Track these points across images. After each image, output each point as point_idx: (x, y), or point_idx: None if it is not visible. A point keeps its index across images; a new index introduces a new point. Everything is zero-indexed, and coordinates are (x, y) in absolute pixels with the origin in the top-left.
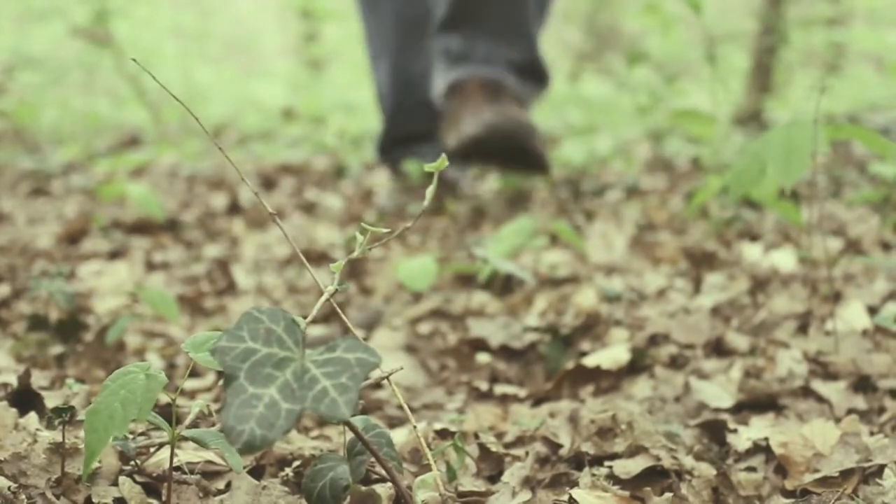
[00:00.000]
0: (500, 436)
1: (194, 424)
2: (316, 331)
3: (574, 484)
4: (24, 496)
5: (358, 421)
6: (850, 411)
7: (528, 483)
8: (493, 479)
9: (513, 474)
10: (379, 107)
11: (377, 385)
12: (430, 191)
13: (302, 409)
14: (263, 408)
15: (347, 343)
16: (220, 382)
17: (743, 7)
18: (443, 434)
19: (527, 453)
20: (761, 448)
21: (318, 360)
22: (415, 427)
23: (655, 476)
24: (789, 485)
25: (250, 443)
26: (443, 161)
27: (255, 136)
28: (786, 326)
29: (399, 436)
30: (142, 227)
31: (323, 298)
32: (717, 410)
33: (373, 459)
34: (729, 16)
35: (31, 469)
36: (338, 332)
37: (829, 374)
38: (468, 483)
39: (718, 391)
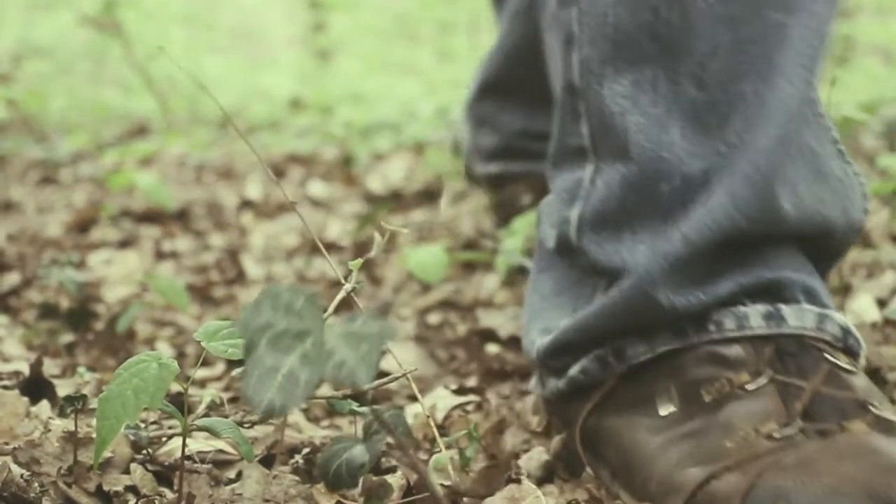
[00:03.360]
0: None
1: (206, 414)
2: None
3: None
4: (36, 484)
5: (367, 411)
6: None
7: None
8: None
9: (531, 458)
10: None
11: (388, 375)
12: (446, 193)
13: (321, 378)
14: (282, 377)
15: (365, 317)
16: (232, 372)
17: None
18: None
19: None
20: None
21: (337, 332)
22: (428, 417)
23: None
24: None
25: (269, 411)
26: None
27: (262, 126)
28: None
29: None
30: (151, 217)
31: (340, 294)
32: None
33: (386, 449)
34: None
35: (44, 457)
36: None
37: None
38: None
39: None
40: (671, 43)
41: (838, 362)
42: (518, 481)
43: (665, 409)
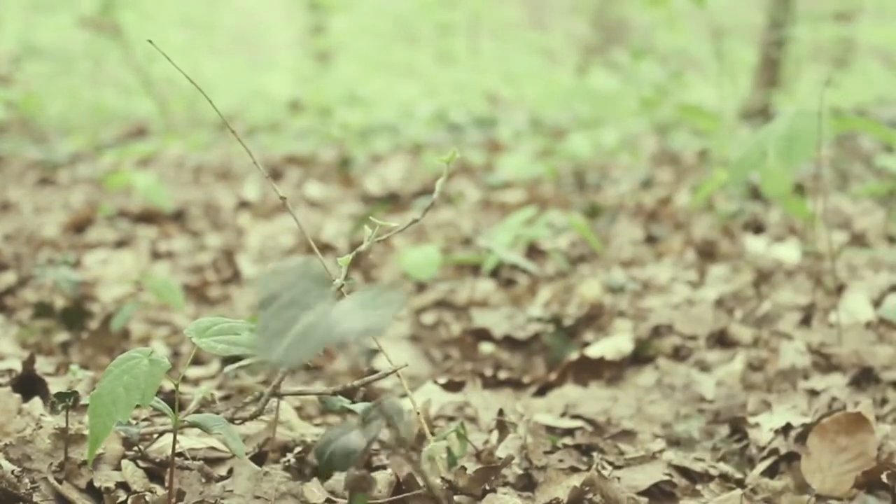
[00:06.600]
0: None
1: (197, 411)
2: None
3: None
4: (27, 480)
5: (359, 408)
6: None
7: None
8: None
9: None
10: None
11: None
12: (440, 182)
13: (339, 332)
14: (294, 336)
15: (377, 289)
16: (225, 370)
17: (751, 0)
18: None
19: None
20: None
21: (349, 301)
22: (418, 414)
23: None
24: None
25: (281, 363)
26: (453, 154)
27: (261, 128)
28: (789, 318)
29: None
30: (148, 217)
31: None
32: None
33: (376, 446)
34: (737, 9)
35: (36, 453)
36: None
37: (832, 366)
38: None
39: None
40: None
41: None
42: (494, 490)
43: None
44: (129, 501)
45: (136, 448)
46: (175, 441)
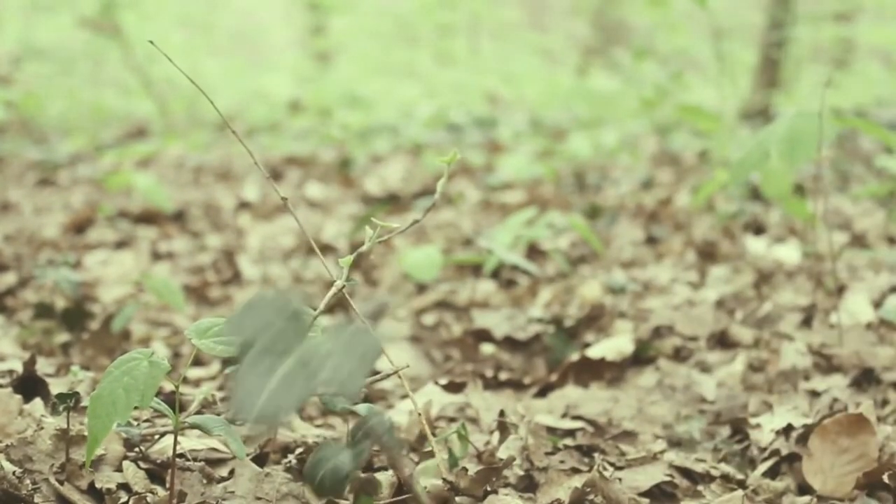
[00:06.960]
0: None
1: (198, 412)
2: (322, 322)
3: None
4: (28, 481)
5: (361, 409)
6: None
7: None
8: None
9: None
10: None
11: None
12: (441, 183)
13: (310, 392)
14: (278, 381)
15: (354, 328)
16: (226, 371)
17: (751, 1)
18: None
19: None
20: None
21: (326, 345)
22: (419, 415)
23: None
24: None
25: (260, 419)
26: (454, 155)
27: (261, 128)
28: (790, 319)
29: (403, 420)
30: (148, 217)
31: (332, 291)
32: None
33: (376, 447)
34: (737, 10)
35: (37, 455)
36: (344, 322)
37: (833, 367)
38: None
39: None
40: None
41: None
42: (496, 492)
43: None
44: (131, 502)
45: (137, 449)
46: (176, 442)
